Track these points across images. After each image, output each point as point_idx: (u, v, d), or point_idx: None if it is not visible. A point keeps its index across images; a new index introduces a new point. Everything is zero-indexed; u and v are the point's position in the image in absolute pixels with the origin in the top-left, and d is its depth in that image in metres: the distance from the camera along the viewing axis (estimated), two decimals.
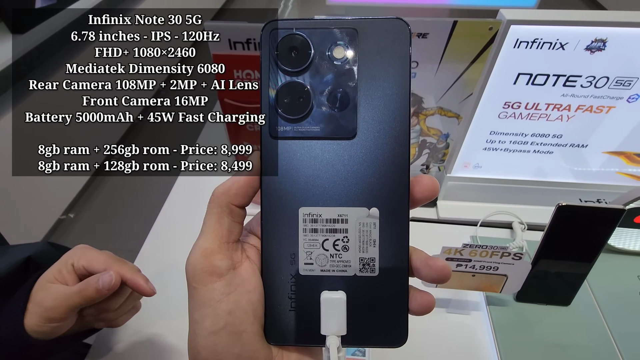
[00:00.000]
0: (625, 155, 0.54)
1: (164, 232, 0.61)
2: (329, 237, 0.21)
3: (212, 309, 0.19)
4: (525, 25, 0.42)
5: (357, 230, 0.21)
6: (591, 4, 2.71)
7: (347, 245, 0.21)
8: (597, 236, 0.42)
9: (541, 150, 0.55)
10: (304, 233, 0.21)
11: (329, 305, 0.21)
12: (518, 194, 0.60)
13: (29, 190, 1.23)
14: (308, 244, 0.21)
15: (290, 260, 0.21)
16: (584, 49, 0.43)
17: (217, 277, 0.19)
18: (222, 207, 0.20)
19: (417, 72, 0.48)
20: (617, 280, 0.51)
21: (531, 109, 0.50)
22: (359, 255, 0.21)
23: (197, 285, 0.19)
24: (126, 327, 0.49)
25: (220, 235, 0.20)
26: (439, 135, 0.56)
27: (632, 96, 0.47)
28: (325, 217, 0.21)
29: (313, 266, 0.21)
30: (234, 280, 0.20)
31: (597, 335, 0.46)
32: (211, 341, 0.19)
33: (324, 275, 0.21)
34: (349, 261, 0.21)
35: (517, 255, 0.38)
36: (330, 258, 0.21)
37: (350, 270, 0.21)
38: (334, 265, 0.21)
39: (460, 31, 0.43)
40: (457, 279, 0.42)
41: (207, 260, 0.20)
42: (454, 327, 0.49)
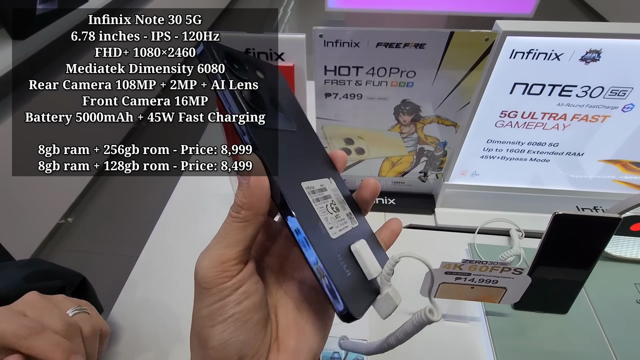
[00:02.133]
0: (621, 163, 0.54)
1: (165, 235, 0.61)
2: (327, 202, 0.24)
3: (222, 302, 0.20)
4: (521, 37, 0.42)
5: (333, 195, 0.25)
6: (590, 13, 2.73)
7: (337, 207, 0.25)
8: (593, 244, 0.42)
9: (538, 159, 0.55)
10: (315, 203, 0.23)
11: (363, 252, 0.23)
12: (515, 201, 0.60)
13: (27, 195, 1.23)
14: (321, 212, 0.23)
15: (323, 231, 0.23)
16: (579, 60, 0.43)
17: (229, 279, 0.21)
18: (248, 219, 0.21)
19: (414, 81, 0.48)
20: (615, 288, 0.51)
21: (527, 117, 0.50)
22: (345, 212, 0.25)
23: (209, 286, 0.20)
24: (125, 328, 0.49)
25: (242, 245, 0.21)
26: (436, 143, 0.57)
27: (627, 106, 0.47)
28: (317, 188, 0.24)
29: (333, 229, 0.23)
30: (243, 276, 0.21)
31: (594, 343, 0.46)
32: (219, 329, 0.20)
33: (342, 234, 0.24)
34: (344, 218, 0.25)
35: (517, 270, 0.38)
36: (336, 219, 0.24)
37: (348, 224, 0.25)
38: (340, 224, 0.24)
39: (457, 42, 0.44)
40: (455, 290, 0.42)
41: (221, 266, 0.21)
42: (452, 335, 0.49)
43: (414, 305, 0.50)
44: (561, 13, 2.73)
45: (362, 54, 0.46)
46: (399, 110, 0.52)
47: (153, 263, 0.57)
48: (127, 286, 0.55)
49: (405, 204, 0.64)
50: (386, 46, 0.45)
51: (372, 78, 0.48)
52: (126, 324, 0.50)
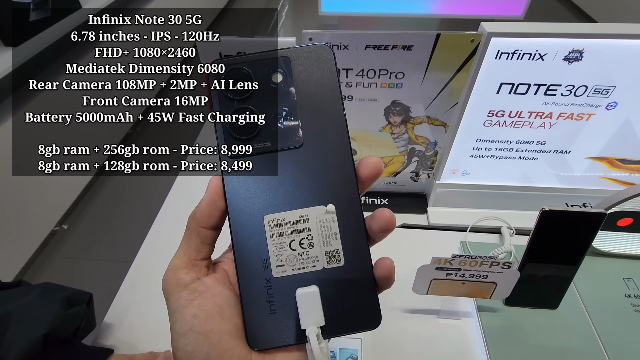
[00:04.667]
0: (607, 160, 0.56)
1: (159, 240, 0.61)
2: (295, 237, 0.23)
3: (179, 314, 0.21)
4: (505, 38, 0.43)
5: (318, 227, 0.23)
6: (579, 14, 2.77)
7: (312, 242, 0.23)
8: (580, 240, 0.43)
9: (526, 157, 0.56)
10: (272, 238, 0.23)
11: (305, 300, 0.22)
12: (506, 199, 0.61)
13: (21, 203, 1.22)
14: (277, 248, 0.23)
15: (263, 266, 0.23)
16: (562, 60, 0.44)
17: (182, 288, 0.22)
18: (191, 229, 0.23)
19: (403, 82, 0.49)
20: (604, 282, 0.52)
21: (514, 117, 0.51)
22: (324, 249, 0.23)
23: (168, 296, 0.22)
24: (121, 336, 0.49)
25: (188, 255, 0.23)
26: (427, 143, 0.57)
27: (610, 104, 0.49)
28: (289, 220, 0.23)
29: (284, 267, 0.23)
30: (198, 288, 0.22)
31: (584, 337, 0.47)
32: (182, 342, 0.21)
33: (296, 274, 0.23)
34: (316, 256, 0.23)
35: (505, 265, 0.39)
36: (299, 257, 0.23)
37: (318, 264, 0.23)
38: (304, 263, 0.23)
39: (444, 44, 0.45)
40: (447, 286, 0.43)
41: (174, 274, 0.22)
42: (445, 332, 0.49)
43: (406, 303, 0.51)
44: (551, 14, 2.76)
45: (352, 56, 0.47)
46: (389, 111, 0.53)
47: (147, 269, 0.57)
48: (120, 292, 0.54)
49: (398, 204, 0.65)
50: (375, 48, 0.46)
51: (361, 80, 0.49)
52: (120, 330, 0.50)
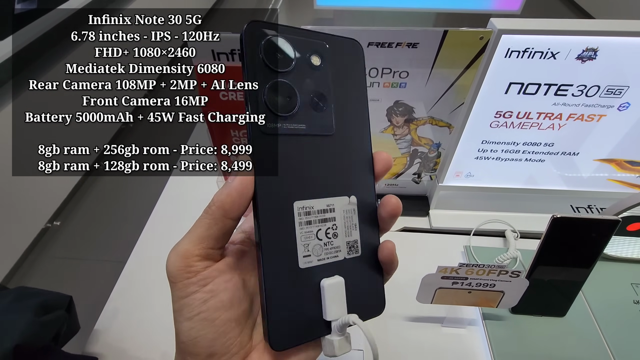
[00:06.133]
0: (616, 162, 0.54)
1: (152, 240, 0.59)
2: (322, 226, 0.23)
3: (188, 299, 0.21)
4: (517, 35, 0.41)
5: (342, 218, 0.23)
6: (576, 10, 2.76)
7: (337, 232, 0.23)
8: (592, 247, 0.42)
9: (533, 159, 0.54)
10: (300, 226, 0.22)
11: (331, 290, 0.22)
12: (510, 201, 0.59)
13: (11, 199, 1.20)
14: (305, 237, 0.22)
15: (290, 257, 0.22)
16: (575, 58, 0.42)
17: (193, 275, 0.21)
18: (215, 218, 0.21)
19: (407, 81, 0.47)
20: (612, 288, 0.51)
21: (523, 118, 0.49)
22: (346, 240, 0.23)
23: (174, 281, 0.21)
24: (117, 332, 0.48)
25: (206, 243, 0.21)
26: (430, 145, 0.55)
27: (622, 104, 0.47)
28: (317, 209, 0.23)
29: (311, 257, 0.22)
30: (210, 274, 0.21)
31: (593, 345, 0.45)
32: (187, 326, 0.21)
33: (320, 264, 0.22)
34: (338, 247, 0.23)
35: (514, 273, 0.37)
36: (324, 247, 0.23)
37: (340, 254, 0.23)
38: (328, 253, 0.23)
39: (451, 41, 0.42)
40: (453, 295, 0.41)
41: (185, 260, 0.21)
42: (450, 340, 0.47)
43: (409, 311, 0.50)
44: (548, 10, 2.75)
45: None
46: (391, 112, 0.51)
47: (140, 269, 0.55)
48: (114, 294, 0.53)
49: None
50: (378, 46, 0.43)
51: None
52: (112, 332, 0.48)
